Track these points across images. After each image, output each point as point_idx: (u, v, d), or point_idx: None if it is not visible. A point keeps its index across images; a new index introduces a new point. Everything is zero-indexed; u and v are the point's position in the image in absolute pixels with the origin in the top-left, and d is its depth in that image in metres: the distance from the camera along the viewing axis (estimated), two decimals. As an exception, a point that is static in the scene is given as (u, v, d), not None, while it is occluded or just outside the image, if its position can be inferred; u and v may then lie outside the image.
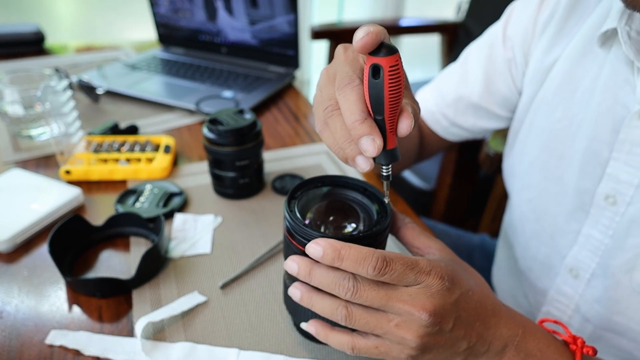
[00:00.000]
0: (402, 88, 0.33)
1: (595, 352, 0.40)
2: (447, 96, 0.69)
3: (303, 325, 0.41)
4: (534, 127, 0.59)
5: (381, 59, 0.31)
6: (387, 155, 0.36)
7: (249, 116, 0.65)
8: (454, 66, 0.71)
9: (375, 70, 0.32)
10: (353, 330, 0.38)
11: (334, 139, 0.37)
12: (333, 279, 0.36)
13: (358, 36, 0.32)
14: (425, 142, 0.75)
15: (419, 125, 0.74)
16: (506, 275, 0.74)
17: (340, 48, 0.38)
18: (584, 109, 0.53)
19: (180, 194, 0.67)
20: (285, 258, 0.43)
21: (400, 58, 0.32)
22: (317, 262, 0.37)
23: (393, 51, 0.31)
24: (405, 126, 0.34)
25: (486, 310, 0.38)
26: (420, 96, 0.74)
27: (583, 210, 0.54)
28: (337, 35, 1.43)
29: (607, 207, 0.51)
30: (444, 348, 0.37)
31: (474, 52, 0.68)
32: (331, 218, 0.42)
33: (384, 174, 0.37)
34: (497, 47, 0.63)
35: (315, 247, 0.35)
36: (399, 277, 0.35)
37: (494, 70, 0.64)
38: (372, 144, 0.33)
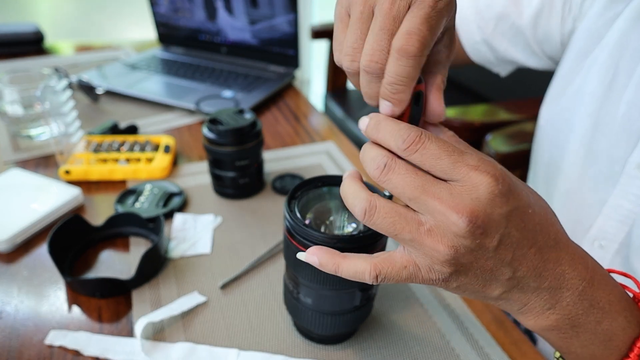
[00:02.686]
0: None
1: None
2: (493, 9, 0.66)
3: (300, 255, 0.35)
4: (584, 90, 0.57)
5: (422, 86, 0.31)
6: None
7: (248, 116, 0.65)
8: None
9: (417, 97, 0.32)
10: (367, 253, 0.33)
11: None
12: (370, 153, 0.30)
13: None
14: None
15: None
16: None
17: None
18: (629, 75, 0.52)
19: (180, 194, 0.67)
20: (286, 258, 0.42)
21: None
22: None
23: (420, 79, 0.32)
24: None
25: (547, 238, 0.30)
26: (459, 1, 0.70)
27: (612, 179, 0.53)
28: (337, 35, 1.43)
29: (639, 175, 0.50)
30: (482, 273, 0.29)
31: None
32: (331, 218, 0.42)
33: (387, 194, 0.36)
34: None
35: (365, 120, 0.31)
36: (429, 159, 0.28)
37: (550, 2, 0.62)
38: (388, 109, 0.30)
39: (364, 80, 0.30)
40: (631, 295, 0.34)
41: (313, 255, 0.34)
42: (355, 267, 0.32)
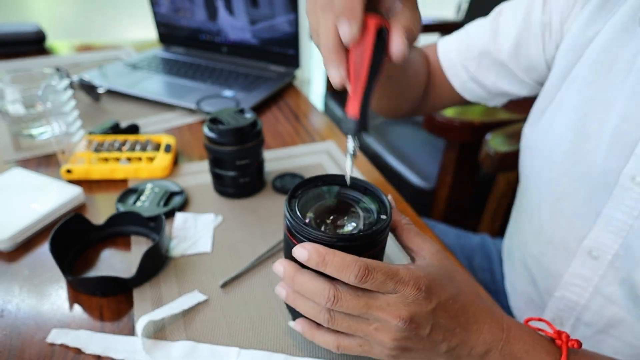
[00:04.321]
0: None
1: (579, 344, 0.41)
2: (473, 49, 0.68)
3: (291, 324, 0.43)
4: (565, 105, 0.58)
5: (386, 23, 0.33)
6: (356, 123, 0.35)
7: (249, 115, 0.66)
8: (483, 20, 0.69)
9: (379, 33, 0.35)
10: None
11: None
12: (314, 287, 0.37)
13: None
14: (439, 92, 0.73)
15: (432, 69, 0.73)
16: (511, 264, 0.73)
17: None
18: (618, 88, 0.52)
19: (180, 193, 0.67)
20: (286, 257, 0.43)
21: None
22: (303, 267, 0.38)
23: None
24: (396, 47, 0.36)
25: (467, 317, 0.39)
26: (443, 44, 0.72)
27: (605, 191, 0.53)
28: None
29: (633, 187, 0.50)
30: (424, 350, 0.39)
31: (509, 9, 0.66)
32: (331, 217, 0.42)
33: (350, 151, 0.37)
34: (536, 10, 0.62)
35: (302, 251, 0.37)
36: (379, 285, 0.36)
37: (527, 33, 0.63)
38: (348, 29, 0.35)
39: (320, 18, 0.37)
40: (546, 336, 0.41)
41: (298, 325, 0.42)
42: (325, 339, 0.41)
